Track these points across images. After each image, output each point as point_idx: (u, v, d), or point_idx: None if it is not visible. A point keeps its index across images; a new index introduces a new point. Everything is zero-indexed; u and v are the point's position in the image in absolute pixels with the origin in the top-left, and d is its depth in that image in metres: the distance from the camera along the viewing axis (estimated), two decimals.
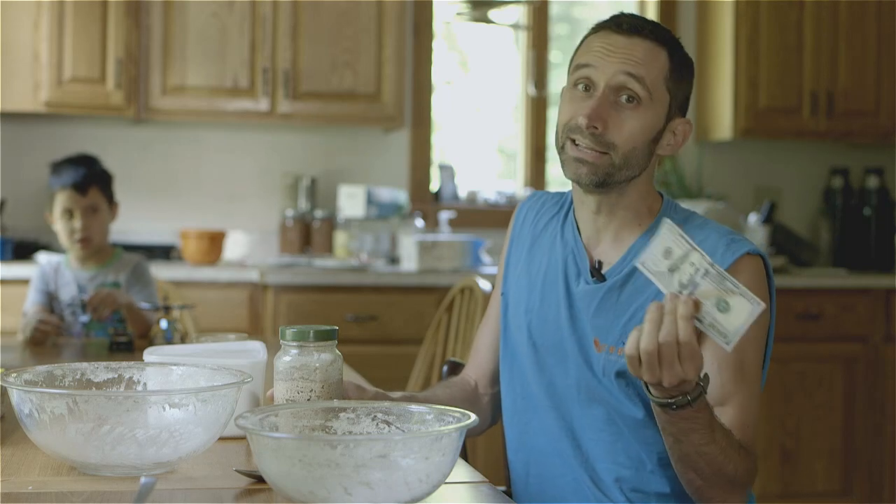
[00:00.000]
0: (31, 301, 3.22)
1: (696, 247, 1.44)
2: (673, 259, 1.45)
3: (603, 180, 1.70)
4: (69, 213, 3.18)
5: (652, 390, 1.49)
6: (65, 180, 3.18)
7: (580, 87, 1.71)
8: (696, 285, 1.43)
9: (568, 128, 1.71)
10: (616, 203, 1.75)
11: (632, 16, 1.73)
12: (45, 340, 2.92)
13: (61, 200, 3.18)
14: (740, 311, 1.40)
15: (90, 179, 3.20)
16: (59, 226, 3.20)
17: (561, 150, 1.73)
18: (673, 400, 1.48)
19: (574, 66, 1.74)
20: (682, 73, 1.73)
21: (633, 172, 1.71)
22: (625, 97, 1.68)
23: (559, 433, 1.78)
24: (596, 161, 1.69)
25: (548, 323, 1.79)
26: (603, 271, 1.75)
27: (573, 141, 1.70)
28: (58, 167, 3.23)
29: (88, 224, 3.18)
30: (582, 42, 1.76)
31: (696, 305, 1.42)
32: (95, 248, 3.22)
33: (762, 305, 1.40)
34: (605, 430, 1.73)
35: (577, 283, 1.77)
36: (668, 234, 1.45)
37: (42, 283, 3.23)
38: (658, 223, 1.73)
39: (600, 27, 1.74)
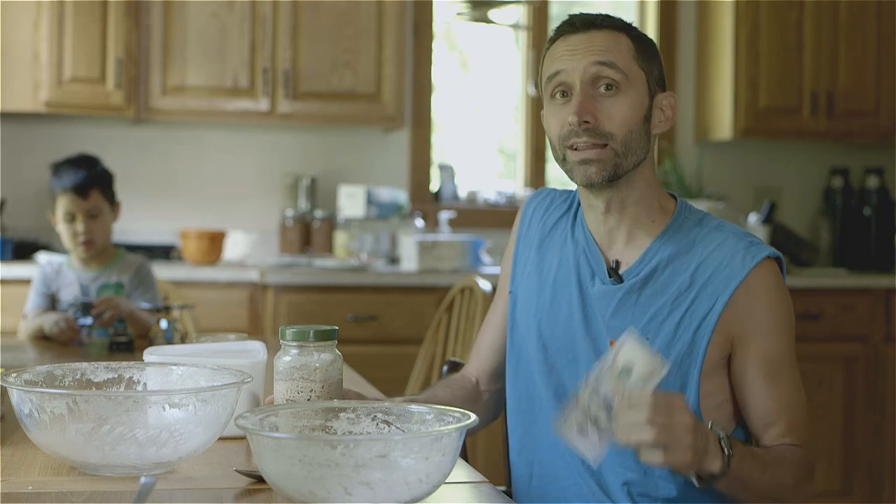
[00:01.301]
0: (31, 304, 3.21)
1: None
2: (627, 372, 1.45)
3: (613, 173, 1.69)
4: (71, 217, 3.17)
5: (690, 474, 1.51)
6: (65, 183, 3.16)
7: (558, 95, 1.72)
8: (604, 399, 1.44)
9: (562, 136, 1.71)
10: (626, 197, 1.73)
11: (581, 13, 1.75)
12: (65, 340, 2.93)
13: (63, 204, 3.17)
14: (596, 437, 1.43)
15: (91, 182, 3.18)
16: (62, 228, 3.19)
17: (563, 161, 1.73)
18: (714, 469, 1.50)
19: (546, 80, 1.74)
20: (649, 51, 1.74)
21: (638, 157, 1.71)
22: (603, 86, 1.69)
23: None
24: (600, 157, 1.68)
25: (559, 324, 1.78)
26: (620, 272, 1.74)
27: (572, 147, 1.70)
28: (58, 169, 3.22)
29: (91, 227, 3.17)
30: (544, 56, 1.77)
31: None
32: (99, 250, 3.21)
33: (597, 457, 1.43)
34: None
35: (593, 283, 1.76)
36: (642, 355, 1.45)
37: (43, 286, 3.22)
38: (675, 225, 1.74)
39: (556, 35, 1.75)
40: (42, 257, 3.74)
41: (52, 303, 3.22)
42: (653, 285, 1.70)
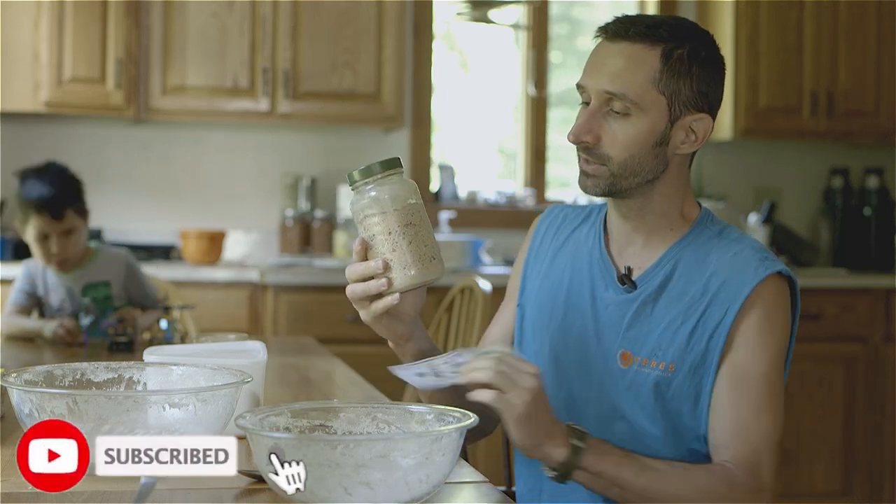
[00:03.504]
0: (12, 301, 3.14)
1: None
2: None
3: (607, 190, 1.67)
4: (44, 237, 3.04)
5: (544, 467, 1.51)
6: (38, 204, 3.01)
7: (582, 102, 1.69)
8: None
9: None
10: (642, 207, 1.70)
11: (621, 19, 1.66)
12: (69, 342, 2.92)
13: (35, 224, 3.03)
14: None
15: (66, 202, 3.02)
16: (34, 247, 3.07)
17: (578, 161, 1.72)
18: (557, 457, 1.49)
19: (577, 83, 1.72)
20: (683, 70, 1.64)
21: (643, 177, 1.67)
22: (614, 107, 1.64)
23: None
24: (596, 172, 1.66)
25: (572, 335, 1.75)
26: (633, 278, 1.71)
27: (579, 153, 1.70)
28: (28, 183, 3.05)
29: (65, 247, 3.06)
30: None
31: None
32: (73, 265, 3.13)
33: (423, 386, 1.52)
34: (622, 447, 1.67)
35: (606, 291, 1.73)
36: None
37: (27, 285, 3.15)
38: (693, 234, 1.71)
39: (595, 35, 1.70)
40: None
41: (37, 303, 3.18)
42: (667, 295, 1.67)
